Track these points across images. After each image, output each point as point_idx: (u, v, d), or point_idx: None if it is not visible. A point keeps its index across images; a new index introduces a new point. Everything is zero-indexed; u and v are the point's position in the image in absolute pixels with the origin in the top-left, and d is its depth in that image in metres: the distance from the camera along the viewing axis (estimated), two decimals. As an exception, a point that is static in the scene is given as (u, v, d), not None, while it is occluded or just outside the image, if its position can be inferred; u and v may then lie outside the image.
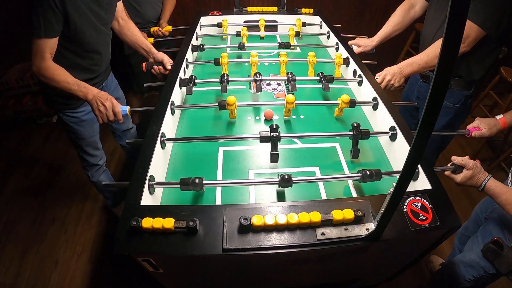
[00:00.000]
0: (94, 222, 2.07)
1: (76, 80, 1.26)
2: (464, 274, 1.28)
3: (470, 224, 1.48)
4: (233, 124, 1.33)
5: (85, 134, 1.57)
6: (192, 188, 0.92)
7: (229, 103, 1.22)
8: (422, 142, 0.56)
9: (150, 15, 2.06)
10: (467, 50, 1.31)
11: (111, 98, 1.26)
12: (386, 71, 1.45)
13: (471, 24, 1.26)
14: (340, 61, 1.56)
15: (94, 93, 1.25)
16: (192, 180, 0.92)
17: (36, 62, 1.21)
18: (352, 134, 1.12)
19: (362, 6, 3.02)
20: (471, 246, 1.29)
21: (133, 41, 1.59)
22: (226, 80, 1.39)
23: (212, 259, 0.80)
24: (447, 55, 0.46)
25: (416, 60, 1.41)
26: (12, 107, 2.75)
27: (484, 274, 1.22)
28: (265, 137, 1.07)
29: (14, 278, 1.78)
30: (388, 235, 0.81)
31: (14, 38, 2.75)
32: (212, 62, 1.57)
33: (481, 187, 1.02)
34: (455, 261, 1.34)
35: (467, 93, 1.50)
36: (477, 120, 1.27)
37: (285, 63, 1.55)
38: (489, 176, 1.02)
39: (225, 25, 1.95)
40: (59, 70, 1.25)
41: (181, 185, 0.93)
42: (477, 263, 1.23)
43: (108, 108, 1.24)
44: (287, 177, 0.93)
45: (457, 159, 1.04)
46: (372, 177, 0.98)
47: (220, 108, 1.24)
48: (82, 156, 1.67)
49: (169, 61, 1.55)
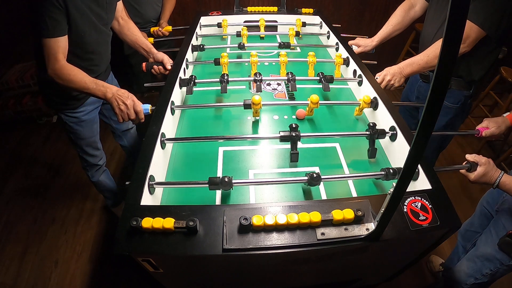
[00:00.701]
0: (94, 222, 2.07)
1: (93, 79, 1.23)
2: (481, 268, 1.29)
3: (476, 219, 1.48)
4: (233, 124, 1.33)
5: (85, 134, 1.56)
6: (221, 187, 0.92)
7: (255, 103, 1.22)
8: (422, 142, 0.56)
9: (149, 15, 2.06)
10: (467, 51, 1.31)
11: (132, 96, 1.21)
12: (386, 71, 1.45)
13: (471, 25, 1.26)
14: (340, 61, 1.57)
15: (114, 91, 1.20)
16: (222, 179, 0.91)
17: (50, 65, 1.18)
18: (369, 133, 1.13)
19: (362, 6, 3.02)
20: (485, 241, 1.29)
21: (133, 41, 1.59)
22: (226, 80, 1.39)
23: (212, 259, 0.80)
24: (447, 55, 0.46)
25: (416, 60, 1.41)
26: (12, 107, 2.75)
27: (501, 266, 1.23)
28: (285, 136, 1.08)
29: (14, 278, 1.78)
30: (388, 235, 0.81)
31: (14, 38, 2.75)
32: (212, 62, 1.57)
33: (496, 183, 1.03)
34: (469, 257, 1.35)
35: (467, 93, 1.50)
36: (485, 120, 1.27)
37: (285, 63, 1.55)
38: (503, 173, 1.03)
39: (225, 25, 1.95)
40: (75, 70, 1.21)
41: (209, 184, 0.92)
42: (493, 256, 1.24)
43: (129, 107, 1.18)
44: (316, 175, 0.94)
45: (470, 156, 1.05)
46: (395, 175, 0.99)
47: (245, 107, 1.24)
48: (82, 156, 1.66)
49: (169, 61, 1.55)
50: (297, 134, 1.08)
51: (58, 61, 1.18)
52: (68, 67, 1.21)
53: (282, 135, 1.08)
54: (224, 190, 0.97)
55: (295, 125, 1.10)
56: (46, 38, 1.15)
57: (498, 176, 1.02)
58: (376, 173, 1.02)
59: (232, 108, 1.40)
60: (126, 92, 1.21)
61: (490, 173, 1.02)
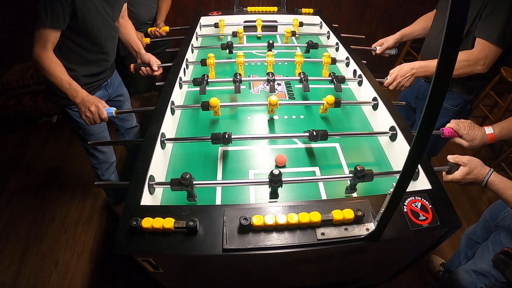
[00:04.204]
0: (94, 222, 2.07)
1: (70, 79, 1.27)
2: (476, 282, 1.26)
3: (479, 229, 1.45)
4: (233, 124, 1.33)
5: (93, 129, 1.56)
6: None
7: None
8: (422, 142, 0.56)
9: (144, 16, 2.05)
10: (484, 72, 1.28)
11: (97, 102, 1.27)
12: (397, 72, 1.39)
13: (488, 44, 1.23)
14: (328, 61, 1.54)
15: (83, 96, 1.27)
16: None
17: (36, 50, 1.22)
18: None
19: (362, 6, 3.02)
20: (482, 255, 1.27)
21: (126, 39, 1.60)
22: (239, 80, 1.39)
23: (212, 259, 0.80)
24: (447, 55, 0.46)
25: (432, 66, 1.36)
26: (12, 107, 2.76)
27: (496, 282, 1.20)
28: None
29: (14, 278, 1.78)
30: (388, 235, 0.81)
31: (14, 38, 2.74)
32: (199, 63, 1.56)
33: (484, 182, 0.94)
34: (466, 269, 1.32)
35: (467, 97, 1.49)
36: (460, 123, 1.11)
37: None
38: (492, 170, 0.95)
39: (222, 25, 1.95)
40: (57, 63, 1.26)
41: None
42: (488, 272, 1.21)
43: (94, 113, 1.26)
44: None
45: (451, 157, 0.99)
46: (362, 178, 0.94)
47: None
48: (92, 153, 1.65)
49: (155, 62, 1.55)
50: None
51: (46, 50, 1.23)
52: (52, 58, 1.25)
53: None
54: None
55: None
56: (42, 26, 1.18)
57: (487, 174, 0.94)
58: (345, 175, 0.98)
59: (232, 108, 1.40)
60: (93, 99, 1.28)
61: (476, 171, 0.94)
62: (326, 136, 1.11)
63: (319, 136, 1.10)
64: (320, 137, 1.11)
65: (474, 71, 1.29)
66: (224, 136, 1.07)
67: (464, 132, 1.09)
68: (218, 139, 1.07)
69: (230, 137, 1.07)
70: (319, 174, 1.11)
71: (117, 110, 1.30)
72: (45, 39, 1.21)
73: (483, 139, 1.09)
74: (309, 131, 1.11)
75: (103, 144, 1.67)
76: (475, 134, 1.09)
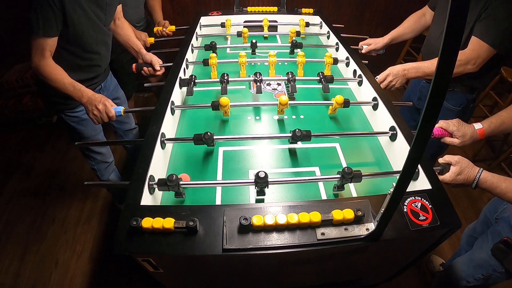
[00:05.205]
0: (94, 222, 2.07)
1: (72, 81, 1.26)
2: (473, 273, 1.27)
3: (479, 225, 1.46)
4: (233, 124, 1.33)
5: (87, 132, 1.56)
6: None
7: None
8: (422, 142, 0.56)
9: (131, 18, 2.02)
10: (474, 71, 1.29)
11: (105, 100, 1.26)
12: (389, 70, 1.42)
13: (482, 44, 1.23)
14: (330, 61, 1.55)
15: (89, 95, 1.26)
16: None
17: (35, 59, 1.21)
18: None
19: (362, 6, 3.02)
20: (481, 245, 1.28)
21: (125, 40, 1.59)
22: (226, 81, 1.39)
23: (212, 259, 0.80)
24: (447, 55, 0.46)
25: (423, 67, 1.38)
26: (12, 107, 2.75)
27: (494, 273, 1.21)
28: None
29: (14, 278, 1.78)
30: (388, 235, 0.81)
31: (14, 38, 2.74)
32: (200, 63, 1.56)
33: (475, 182, 0.94)
34: (463, 260, 1.34)
35: (469, 96, 1.49)
36: (448, 122, 1.11)
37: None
38: (481, 170, 0.95)
39: (229, 25, 1.95)
40: (58, 69, 1.25)
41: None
42: (486, 262, 1.22)
43: (101, 111, 1.25)
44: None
45: (442, 159, 1.00)
46: (350, 180, 0.94)
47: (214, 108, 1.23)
48: (88, 155, 1.65)
49: (157, 62, 1.55)
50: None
51: (44, 58, 1.21)
52: (52, 65, 1.24)
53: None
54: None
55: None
56: (36, 36, 1.17)
57: (477, 174, 0.94)
58: (333, 176, 0.98)
59: (232, 108, 1.39)
60: (99, 97, 1.26)
61: (466, 171, 0.94)
62: (309, 137, 1.09)
63: (302, 136, 1.09)
64: (303, 138, 1.09)
65: (465, 70, 1.30)
66: (205, 137, 1.05)
67: (454, 129, 1.10)
68: (200, 139, 1.06)
69: (212, 138, 1.05)
70: (319, 174, 1.11)
71: (125, 109, 1.28)
72: (42, 48, 1.20)
73: (474, 134, 1.10)
74: (292, 131, 1.09)
75: (93, 144, 1.65)
76: (465, 130, 1.10)
